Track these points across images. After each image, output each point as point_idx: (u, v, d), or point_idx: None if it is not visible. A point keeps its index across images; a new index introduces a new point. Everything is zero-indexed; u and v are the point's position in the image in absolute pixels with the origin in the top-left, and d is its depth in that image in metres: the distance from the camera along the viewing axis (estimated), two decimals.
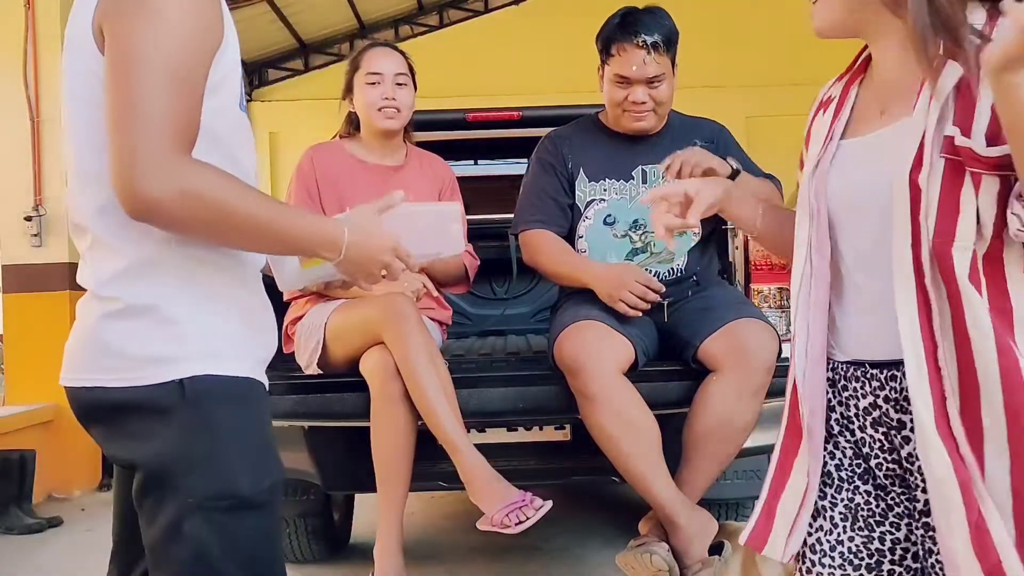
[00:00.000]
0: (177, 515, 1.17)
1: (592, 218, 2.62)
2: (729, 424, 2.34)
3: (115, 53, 1.14)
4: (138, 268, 1.21)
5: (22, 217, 4.80)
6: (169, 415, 1.18)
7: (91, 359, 1.24)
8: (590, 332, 2.37)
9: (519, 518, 2.25)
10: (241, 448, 1.21)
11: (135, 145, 1.11)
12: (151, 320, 1.20)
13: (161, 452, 1.18)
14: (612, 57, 2.51)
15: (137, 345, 1.20)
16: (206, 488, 1.17)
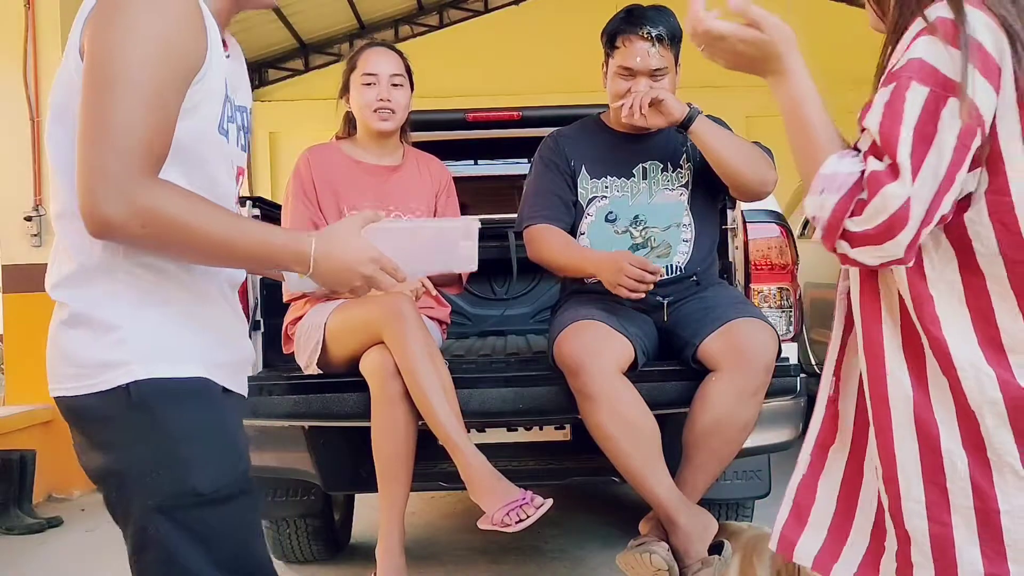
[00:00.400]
0: (142, 521, 1.20)
1: (594, 215, 2.63)
2: (729, 424, 2.35)
3: (91, 69, 1.17)
4: (85, 273, 1.24)
5: (22, 217, 4.79)
6: (118, 420, 1.21)
7: (53, 367, 1.27)
8: (590, 332, 2.37)
9: (519, 516, 2.25)
10: (195, 446, 1.22)
11: (102, 164, 1.14)
12: (95, 325, 1.22)
13: (118, 459, 1.21)
14: (617, 49, 2.53)
15: (85, 351, 1.22)
16: (164, 490, 1.19)
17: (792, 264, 2.86)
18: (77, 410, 1.24)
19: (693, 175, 2.63)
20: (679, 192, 2.63)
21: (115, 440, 1.21)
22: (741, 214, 2.87)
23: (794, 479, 1.35)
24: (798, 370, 2.69)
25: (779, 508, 1.38)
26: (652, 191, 2.62)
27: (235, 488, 1.24)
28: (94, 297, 1.23)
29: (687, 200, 2.62)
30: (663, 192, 2.62)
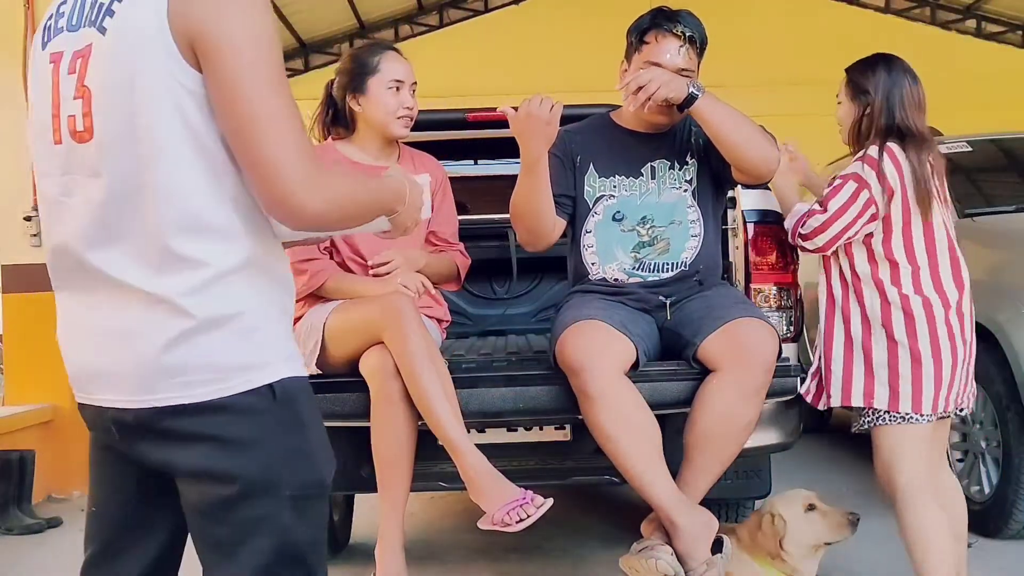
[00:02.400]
0: (266, 509, 1.22)
1: (601, 214, 2.62)
2: (730, 424, 2.34)
3: (224, 79, 1.17)
4: (222, 278, 1.22)
5: (22, 217, 4.79)
6: (265, 417, 1.23)
7: (165, 377, 1.22)
8: (592, 332, 2.37)
9: (520, 516, 2.25)
10: (319, 440, 1.31)
11: (283, 163, 1.17)
12: (235, 328, 1.23)
13: (260, 454, 1.22)
14: (646, 45, 2.51)
15: (224, 355, 1.22)
16: (302, 480, 1.25)
17: (792, 264, 2.86)
18: (213, 411, 1.22)
19: (698, 170, 2.62)
20: (684, 188, 2.62)
21: (258, 436, 1.23)
22: (741, 214, 2.87)
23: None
24: (798, 370, 2.68)
25: None
26: (660, 190, 2.61)
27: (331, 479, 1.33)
28: (233, 301, 1.23)
29: (691, 196, 2.61)
30: (670, 190, 2.61)
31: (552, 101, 2.33)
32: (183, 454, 1.23)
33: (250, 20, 1.18)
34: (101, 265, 1.24)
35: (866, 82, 2.49)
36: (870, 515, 3.89)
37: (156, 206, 1.20)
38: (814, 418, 5.10)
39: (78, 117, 1.23)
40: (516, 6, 11.07)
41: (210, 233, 1.21)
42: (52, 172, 1.29)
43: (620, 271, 2.60)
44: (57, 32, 1.28)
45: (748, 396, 2.35)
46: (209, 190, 1.21)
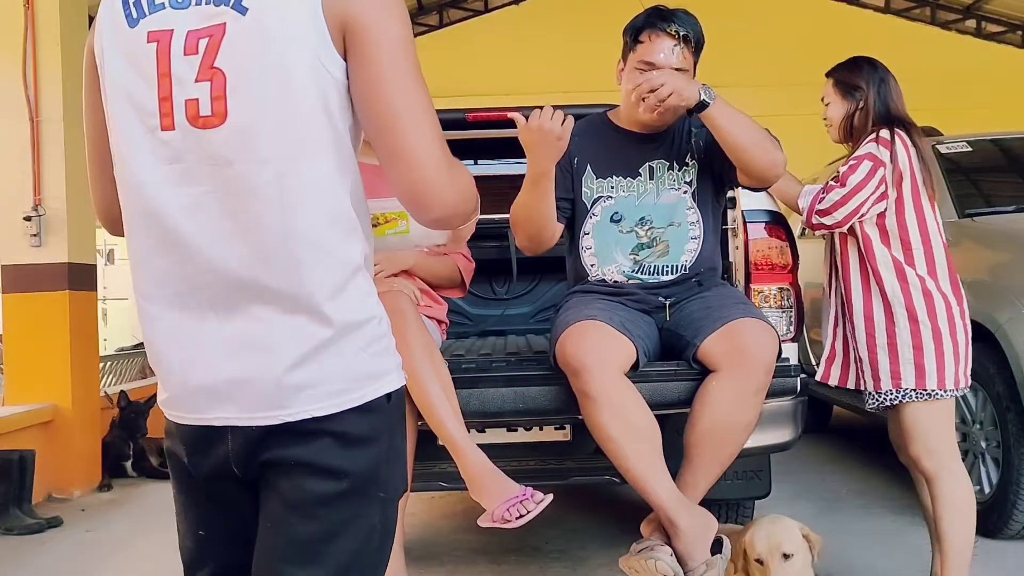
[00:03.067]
0: (362, 508, 1.21)
1: (599, 215, 2.61)
2: (730, 424, 2.34)
3: (377, 67, 1.15)
4: (352, 279, 1.20)
5: (22, 217, 4.79)
6: (381, 419, 1.23)
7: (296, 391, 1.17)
8: (592, 332, 2.37)
9: (519, 512, 2.25)
10: (405, 447, 1.31)
11: (427, 154, 1.17)
12: (367, 336, 1.21)
13: (372, 454, 1.21)
14: (641, 44, 2.50)
15: (356, 365, 1.20)
16: (395, 483, 1.26)
17: (792, 264, 2.86)
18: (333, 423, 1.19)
19: (698, 172, 2.61)
20: (683, 190, 2.61)
21: (375, 437, 1.22)
22: (741, 214, 2.87)
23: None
24: (798, 370, 2.68)
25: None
26: (659, 191, 2.60)
27: None
28: (364, 305, 1.22)
29: (691, 198, 2.61)
30: (669, 191, 2.61)
31: (563, 115, 2.31)
32: (298, 449, 1.18)
33: (399, 12, 1.18)
34: (226, 263, 1.16)
35: (856, 79, 2.62)
36: (870, 515, 3.90)
37: (298, 196, 1.15)
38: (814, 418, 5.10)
39: (203, 101, 1.14)
40: (516, 6, 11.07)
41: (342, 229, 1.18)
42: (153, 161, 1.17)
43: (619, 273, 2.60)
44: (155, 8, 1.17)
45: (748, 396, 2.34)
46: (340, 183, 1.19)
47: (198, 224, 1.16)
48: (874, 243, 2.52)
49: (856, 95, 2.60)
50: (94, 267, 5.19)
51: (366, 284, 1.23)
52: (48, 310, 4.84)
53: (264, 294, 1.16)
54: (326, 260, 1.17)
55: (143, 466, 5.32)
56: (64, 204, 4.83)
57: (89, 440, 5.03)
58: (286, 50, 1.13)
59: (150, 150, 1.18)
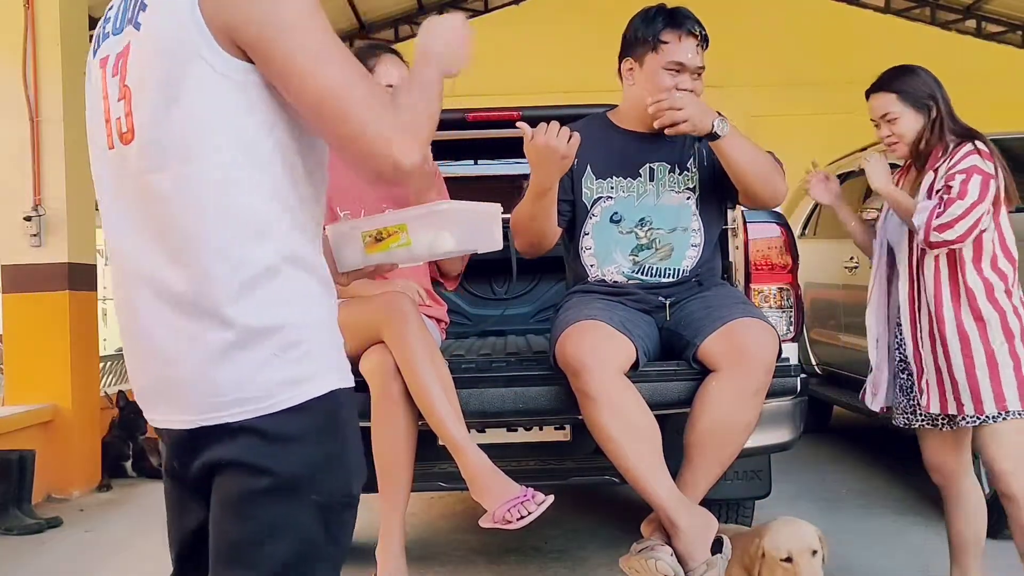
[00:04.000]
0: (292, 511, 1.20)
1: (599, 215, 2.61)
2: (729, 424, 2.34)
3: (282, 66, 1.14)
4: (262, 282, 1.18)
5: (22, 217, 4.79)
6: (306, 421, 1.21)
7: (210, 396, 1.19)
8: (592, 332, 2.37)
9: (520, 513, 2.25)
10: (355, 450, 1.29)
11: (371, 133, 1.15)
12: (281, 343, 1.19)
13: (296, 453, 1.20)
14: (666, 44, 2.49)
15: (270, 372, 1.18)
16: (332, 486, 1.23)
17: (792, 264, 2.86)
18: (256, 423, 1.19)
19: (700, 180, 2.61)
20: (686, 195, 2.61)
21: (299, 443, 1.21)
22: (741, 214, 2.87)
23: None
24: (798, 370, 2.68)
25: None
26: (659, 192, 2.60)
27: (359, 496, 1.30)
28: (276, 309, 1.19)
29: (695, 204, 2.61)
30: (669, 194, 2.60)
31: (569, 132, 2.31)
32: (225, 448, 1.20)
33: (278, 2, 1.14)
34: (151, 271, 1.20)
35: (924, 88, 2.49)
36: (870, 515, 3.89)
37: (198, 200, 1.16)
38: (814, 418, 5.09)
39: (123, 119, 1.21)
40: (516, 6, 11.06)
41: (250, 230, 1.17)
42: (105, 177, 1.27)
43: (619, 274, 2.60)
44: (104, 38, 1.27)
45: (748, 396, 2.34)
46: (249, 184, 1.17)
47: (127, 234, 1.23)
48: (968, 261, 2.40)
49: (930, 105, 2.47)
50: (94, 267, 5.19)
51: (286, 285, 1.19)
52: (48, 310, 4.83)
53: (177, 298, 1.19)
54: (229, 263, 1.17)
55: (143, 466, 5.32)
56: (64, 204, 4.83)
57: (89, 440, 5.02)
58: (173, 61, 1.15)
59: (103, 167, 1.28)
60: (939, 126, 2.46)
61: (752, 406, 2.36)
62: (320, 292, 1.25)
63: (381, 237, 1.57)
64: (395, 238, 1.56)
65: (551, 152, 2.30)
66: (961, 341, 2.40)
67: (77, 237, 4.92)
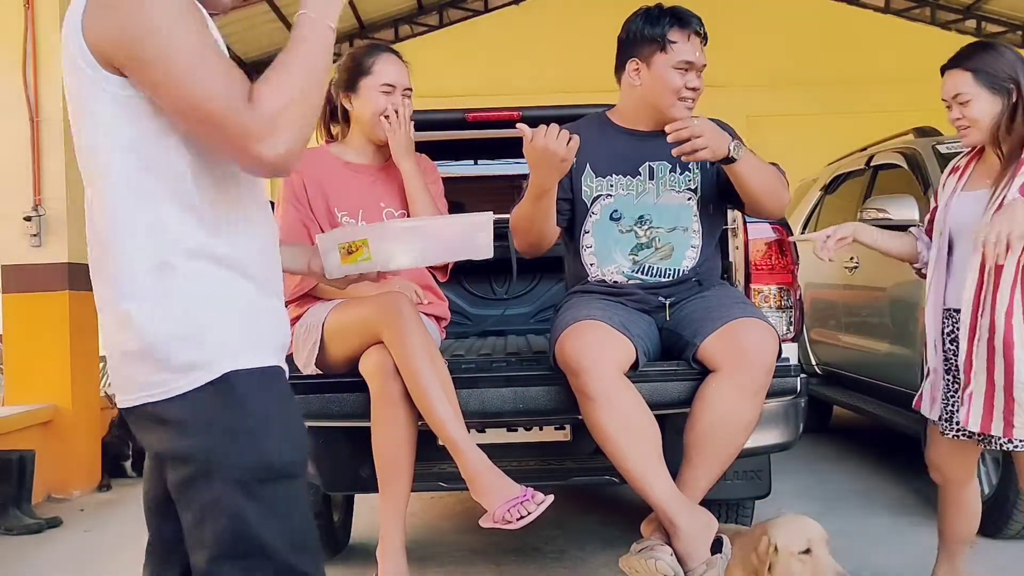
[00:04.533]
0: (217, 491, 1.28)
1: (598, 213, 2.61)
2: (729, 424, 2.34)
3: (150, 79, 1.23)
4: (160, 278, 1.29)
5: (22, 217, 4.79)
6: (204, 403, 1.29)
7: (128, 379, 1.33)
8: (592, 332, 2.37)
9: (520, 513, 2.25)
10: (270, 425, 1.33)
11: (229, 125, 1.20)
12: (181, 333, 1.29)
13: (204, 440, 1.29)
14: (675, 44, 2.50)
15: (172, 357, 1.29)
16: (244, 462, 1.29)
17: (792, 264, 2.86)
18: (163, 411, 1.31)
19: (702, 181, 2.61)
20: (686, 196, 2.61)
21: (202, 424, 1.30)
22: (741, 214, 2.87)
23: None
24: (798, 370, 2.68)
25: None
26: (658, 191, 2.60)
27: (299, 465, 1.37)
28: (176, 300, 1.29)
29: (696, 205, 2.61)
30: (670, 193, 2.61)
31: (568, 135, 2.30)
32: (151, 438, 1.36)
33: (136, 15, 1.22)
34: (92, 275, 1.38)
35: (1005, 68, 2.24)
36: (870, 515, 3.90)
37: (99, 204, 1.31)
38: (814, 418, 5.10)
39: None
40: (516, 6, 11.05)
41: (142, 231, 1.28)
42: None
43: (619, 274, 2.60)
44: None
45: (748, 396, 2.34)
46: (149, 190, 1.28)
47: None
48: None
49: (1008, 86, 2.23)
50: None
51: (185, 279, 1.29)
52: (48, 310, 4.83)
53: (100, 296, 1.36)
54: (123, 260, 1.30)
55: (143, 466, 5.31)
56: (64, 204, 4.83)
57: (89, 440, 5.02)
58: (71, 81, 1.30)
59: None
60: (1021, 113, 2.23)
61: (752, 406, 2.36)
62: (226, 280, 1.33)
63: (351, 250, 1.63)
64: (360, 252, 1.63)
65: (550, 155, 2.30)
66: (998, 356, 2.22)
67: (77, 237, 4.91)
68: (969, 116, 2.28)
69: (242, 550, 1.29)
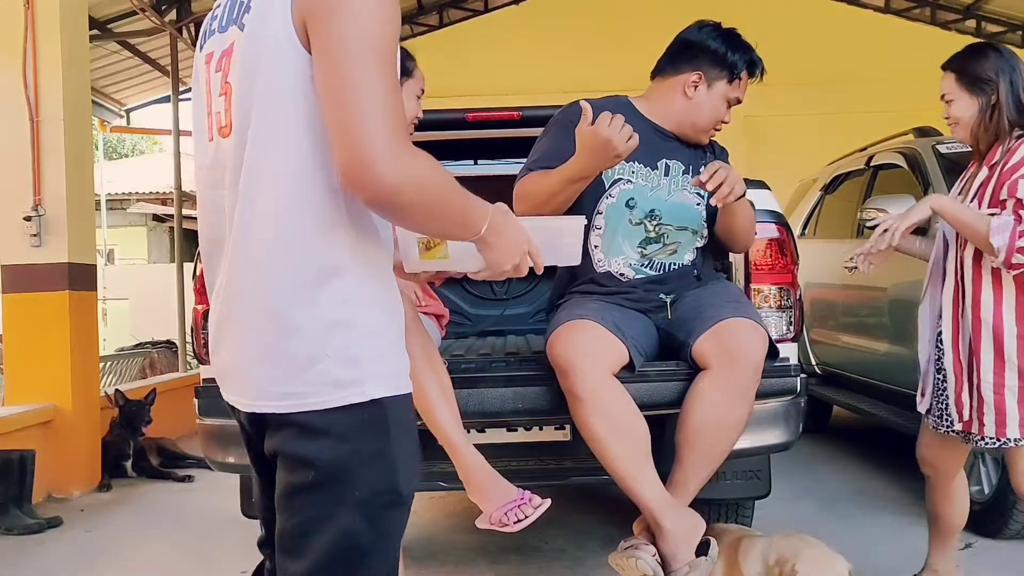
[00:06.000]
0: (336, 506, 1.25)
1: (615, 197, 2.57)
2: (718, 423, 2.34)
3: (332, 43, 1.16)
4: (328, 281, 1.23)
5: (22, 217, 4.79)
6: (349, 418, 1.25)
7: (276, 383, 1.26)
8: (582, 332, 2.37)
9: (518, 516, 2.25)
10: (403, 451, 1.31)
11: (369, 129, 1.13)
12: (339, 344, 1.24)
13: (338, 448, 1.25)
14: (739, 80, 2.56)
15: (325, 368, 1.24)
16: (375, 485, 1.26)
17: (792, 264, 2.86)
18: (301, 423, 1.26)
19: None
20: (695, 200, 2.61)
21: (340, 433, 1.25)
22: None
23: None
24: (798, 370, 2.68)
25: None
26: (671, 190, 2.59)
27: (413, 494, 1.35)
28: (341, 307, 1.24)
29: (704, 209, 2.61)
30: (682, 192, 2.60)
31: (631, 131, 2.25)
32: (276, 437, 1.29)
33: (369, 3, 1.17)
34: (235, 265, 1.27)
35: (982, 69, 2.34)
36: (870, 515, 3.90)
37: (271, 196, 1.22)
38: (814, 418, 5.10)
39: (222, 113, 1.28)
40: (516, 6, 11.06)
41: (319, 226, 1.21)
42: (205, 167, 1.35)
43: (626, 266, 2.59)
44: (210, 35, 1.35)
45: (737, 396, 2.34)
46: (320, 177, 1.21)
47: (224, 224, 1.30)
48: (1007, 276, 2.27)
49: (986, 89, 2.32)
50: (94, 267, 5.19)
51: (349, 286, 1.24)
52: (48, 310, 4.83)
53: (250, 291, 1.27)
54: (292, 261, 1.23)
55: (143, 466, 5.32)
56: (64, 204, 4.83)
57: (89, 440, 5.02)
58: (260, 58, 1.22)
59: (203, 157, 1.36)
60: (996, 114, 2.30)
61: (741, 405, 2.35)
62: (383, 297, 1.29)
63: (429, 246, 1.61)
64: (438, 249, 1.61)
65: (611, 147, 2.25)
66: (996, 358, 2.30)
67: (77, 237, 4.92)
68: (953, 115, 2.39)
69: (346, 565, 1.26)
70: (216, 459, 2.73)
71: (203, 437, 2.75)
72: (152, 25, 7.53)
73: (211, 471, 3.09)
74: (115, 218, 16.24)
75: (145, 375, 8.95)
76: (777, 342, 2.56)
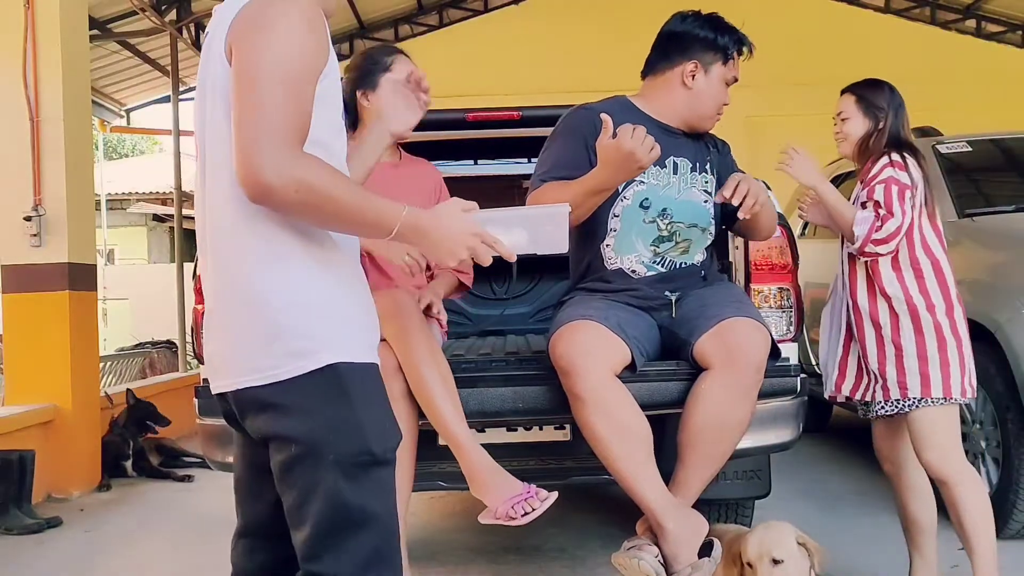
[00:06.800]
0: (319, 473, 1.40)
1: (630, 199, 2.55)
2: (720, 423, 2.34)
3: (239, 66, 1.38)
4: (276, 261, 1.41)
5: (22, 217, 4.79)
6: (309, 390, 1.41)
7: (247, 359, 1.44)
8: (584, 332, 2.37)
9: (525, 509, 2.25)
10: (370, 413, 1.46)
11: (256, 137, 1.33)
12: (294, 314, 1.41)
13: (307, 421, 1.41)
14: (732, 60, 2.61)
15: (285, 341, 1.40)
16: (347, 448, 1.41)
17: (792, 264, 2.86)
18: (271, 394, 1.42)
19: (716, 186, 2.62)
20: (704, 197, 2.61)
21: (311, 409, 1.41)
22: None
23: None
24: (798, 370, 2.68)
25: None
26: (680, 188, 2.59)
27: (392, 453, 1.48)
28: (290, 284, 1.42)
29: (711, 206, 2.61)
30: (692, 190, 2.60)
31: (653, 142, 2.24)
32: (257, 420, 1.45)
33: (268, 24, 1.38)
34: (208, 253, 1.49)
35: (878, 99, 2.67)
36: (870, 515, 3.89)
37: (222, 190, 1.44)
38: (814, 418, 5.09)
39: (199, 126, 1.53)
40: (516, 6, 11.06)
41: (269, 217, 1.39)
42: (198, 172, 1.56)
43: (639, 262, 2.58)
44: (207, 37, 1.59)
45: (739, 396, 2.34)
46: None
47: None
48: (881, 263, 2.56)
49: (878, 115, 2.65)
50: (94, 267, 5.19)
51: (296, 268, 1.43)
52: (48, 310, 4.83)
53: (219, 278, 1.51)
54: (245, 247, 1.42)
55: (143, 466, 5.32)
56: (64, 204, 4.83)
57: (89, 440, 5.02)
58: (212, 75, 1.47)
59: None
60: (879, 137, 2.64)
61: (743, 405, 2.35)
62: (340, 275, 1.47)
63: None
64: None
65: (633, 160, 2.25)
66: (876, 333, 2.57)
67: (77, 237, 4.92)
68: (844, 131, 2.71)
69: (345, 529, 1.39)
70: (216, 459, 2.73)
71: (203, 437, 2.76)
72: (152, 25, 7.53)
73: (211, 471, 3.09)
74: (115, 218, 16.24)
75: (145, 375, 8.95)
76: (777, 342, 2.56)
